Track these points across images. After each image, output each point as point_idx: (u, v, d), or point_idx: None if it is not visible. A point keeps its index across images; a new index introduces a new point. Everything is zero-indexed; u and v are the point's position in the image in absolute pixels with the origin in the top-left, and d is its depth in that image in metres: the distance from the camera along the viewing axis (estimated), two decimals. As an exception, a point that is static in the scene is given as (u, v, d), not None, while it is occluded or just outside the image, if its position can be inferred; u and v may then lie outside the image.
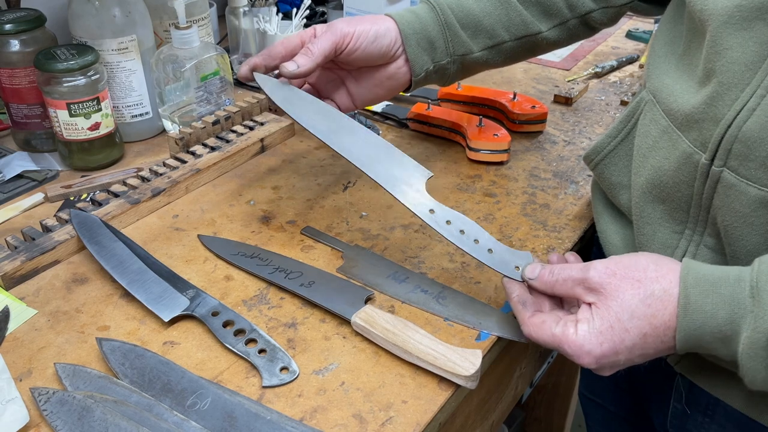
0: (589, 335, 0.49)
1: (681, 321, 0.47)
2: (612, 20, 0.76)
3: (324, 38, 0.66)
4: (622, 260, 0.51)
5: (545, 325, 0.52)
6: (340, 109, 0.71)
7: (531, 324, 0.53)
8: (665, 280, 0.49)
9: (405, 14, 0.71)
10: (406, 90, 0.74)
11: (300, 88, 0.70)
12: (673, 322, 0.48)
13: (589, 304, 0.51)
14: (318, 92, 0.73)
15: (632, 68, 1.17)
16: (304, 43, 0.68)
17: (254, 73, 0.68)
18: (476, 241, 0.58)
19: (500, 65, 0.77)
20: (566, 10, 0.74)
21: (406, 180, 0.62)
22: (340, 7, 1.20)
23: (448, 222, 0.59)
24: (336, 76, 0.73)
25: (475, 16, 0.72)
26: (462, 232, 0.59)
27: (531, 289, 0.56)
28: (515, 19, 0.73)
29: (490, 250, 0.58)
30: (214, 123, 0.87)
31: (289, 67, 0.65)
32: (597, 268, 0.51)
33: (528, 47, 0.75)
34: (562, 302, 0.56)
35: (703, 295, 0.47)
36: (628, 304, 0.49)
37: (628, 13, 0.77)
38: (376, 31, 0.67)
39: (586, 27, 0.76)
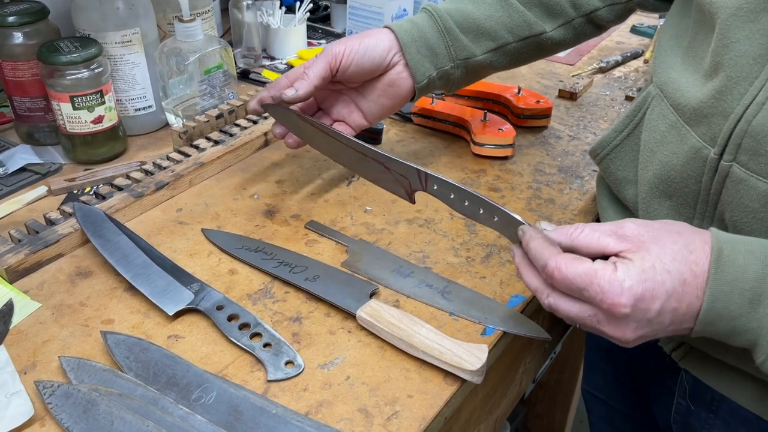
0: (629, 272, 0.45)
1: (713, 275, 0.45)
2: (619, 18, 0.76)
3: (317, 61, 0.68)
4: (656, 220, 0.49)
5: (580, 260, 0.46)
6: (353, 128, 0.74)
7: (562, 259, 0.47)
8: (704, 235, 0.46)
9: (403, 23, 0.72)
10: (411, 99, 0.74)
11: (311, 114, 0.73)
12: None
13: (618, 254, 0.47)
14: (329, 115, 0.75)
15: (637, 63, 1.17)
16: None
17: (263, 105, 0.71)
18: (481, 210, 0.56)
19: (507, 67, 0.77)
20: (570, 9, 0.73)
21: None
22: (344, 0, 1.20)
23: (451, 197, 0.58)
24: (344, 95, 0.74)
25: (475, 20, 0.72)
26: (466, 203, 0.57)
27: None
28: (517, 20, 0.72)
29: (494, 219, 0.55)
30: (218, 117, 0.86)
31: (288, 92, 0.68)
32: (633, 220, 0.48)
33: (533, 48, 0.75)
34: None
35: (735, 251, 0.45)
36: (670, 247, 0.45)
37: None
38: (366, 45, 0.69)
39: (592, 25, 0.76)
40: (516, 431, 1.39)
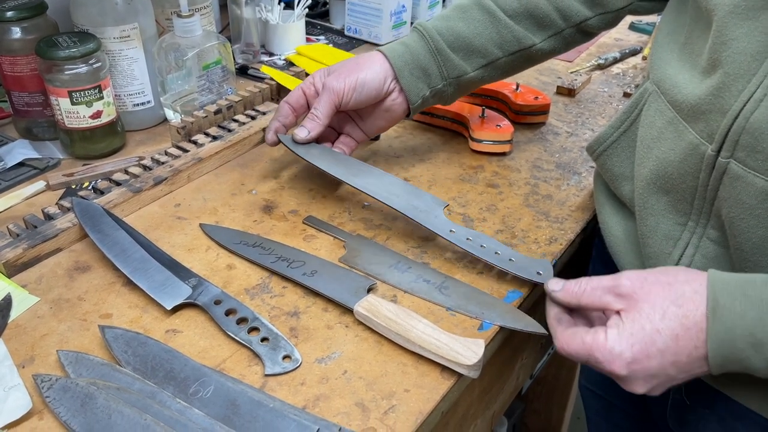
0: (619, 338, 0.48)
1: (711, 325, 0.46)
2: (610, 24, 0.76)
3: (324, 101, 0.72)
4: (653, 269, 0.51)
5: (576, 336, 0.51)
6: (356, 141, 0.78)
7: (563, 337, 0.52)
8: (695, 282, 0.48)
9: (396, 47, 0.74)
10: (406, 116, 0.77)
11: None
12: (704, 323, 0.47)
13: (618, 312, 0.50)
14: (334, 129, 0.79)
15: (635, 60, 1.17)
16: (305, 93, 0.75)
17: (278, 135, 0.75)
18: (497, 253, 0.63)
19: (498, 79, 0.78)
20: (560, 20, 0.74)
21: (425, 209, 0.67)
22: (343, -4, 1.20)
23: (468, 239, 0.64)
24: (345, 114, 0.77)
25: (465, 38, 0.73)
26: (482, 246, 0.63)
27: (567, 310, 0.56)
28: (506, 35, 0.73)
29: (511, 260, 0.62)
30: (216, 112, 0.86)
31: (301, 134, 0.73)
32: (628, 275, 0.51)
33: (524, 60, 0.77)
34: (592, 324, 0.56)
35: (731, 297, 0.46)
36: (659, 305, 0.48)
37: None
38: (363, 79, 0.72)
39: (582, 34, 0.76)
40: (514, 427, 1.39)
